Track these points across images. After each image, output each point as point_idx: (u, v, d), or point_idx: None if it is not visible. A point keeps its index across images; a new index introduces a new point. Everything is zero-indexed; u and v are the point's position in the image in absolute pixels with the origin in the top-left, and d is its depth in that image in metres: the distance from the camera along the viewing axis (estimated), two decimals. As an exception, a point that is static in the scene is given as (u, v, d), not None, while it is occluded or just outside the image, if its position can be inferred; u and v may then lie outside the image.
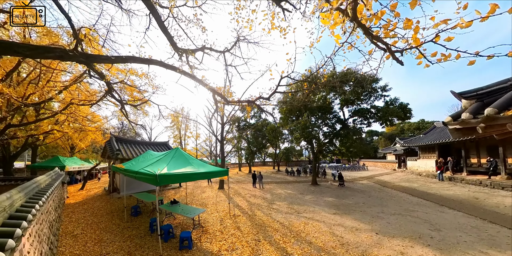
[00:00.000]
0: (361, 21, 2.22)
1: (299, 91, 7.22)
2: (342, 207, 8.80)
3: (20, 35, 5.53)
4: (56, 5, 3.72)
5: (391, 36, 2.34)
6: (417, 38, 2.11)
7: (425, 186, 13.13)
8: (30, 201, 3.81)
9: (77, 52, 3.45)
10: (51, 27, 5.80)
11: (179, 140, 24.79)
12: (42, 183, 6.01)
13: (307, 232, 6.04)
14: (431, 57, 2.19)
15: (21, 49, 3.01)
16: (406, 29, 2.10)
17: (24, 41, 4.83)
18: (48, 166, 13.33)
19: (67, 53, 3.34)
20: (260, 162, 38.89)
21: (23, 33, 5.39)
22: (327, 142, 15.79)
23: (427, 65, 2.27)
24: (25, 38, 5.23)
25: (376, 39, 2.40)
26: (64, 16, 3.82)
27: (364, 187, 13.97)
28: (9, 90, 5.76)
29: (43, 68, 7.31)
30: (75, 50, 3.41)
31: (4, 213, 2.65)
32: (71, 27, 4.01)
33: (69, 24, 3.94)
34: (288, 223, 6.85)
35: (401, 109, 13.06)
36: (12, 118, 7.63)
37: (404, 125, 43.92)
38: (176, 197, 11.17)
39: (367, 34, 2.36)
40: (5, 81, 6.64)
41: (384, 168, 29.97)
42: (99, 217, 7.79)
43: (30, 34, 5.46)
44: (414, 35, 2.11)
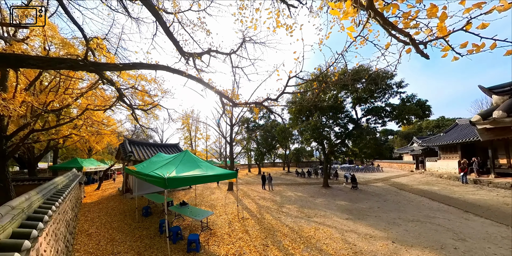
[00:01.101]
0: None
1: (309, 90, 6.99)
2: (355, 211, 8.40)
3: (41, 48, 5.88)
4: (69, 18, 3.89)
5: (412, 26, 2.08)
6: (443, 26, 1.84)
7: (446, 190, 12.25)
8: (47, 202, 3.99)
9: (87, 61, 3.54)
10: (68, 38, 6.14)
11: (190, 142, 25.26)
12: (60, 184, 6.30)
13: (317, 238, 5.81)
14: (460, 48, 1.91)
15: (35, 62, 3.17)
16: (431, 17, 1.84)
17: (44, 53, 5.09)
18: (67, 167, 14.15)
19: (78, 63, 3.46)
20: (270, 163, 38.61)
21: (43, 45, 5.70)
22: (339, 143, 15.26)
23: (455, 58, 1.98)
24: (45, 50, 5.52)
25: (396, 30, 2.14)
26: (77, 27, 3.98)
27: (379, 190, 13.32)
28: (31, 99, 6.14)
29: (62, 76, 7.79)
30: (85, 59, 3.51)
31: (22, 214, 2.78)
32: (83, 38, 4.17)
33: (82, 35, 4.10)
34: (298, 228, 6.64)
35: (419, 106, 12.27)
36: (35, 123, 8.16)
37: (422, 123, 41.22)
38: (186, 198, 11.31)
39: (386, 25, 2.10)
40: (28, 90, 7.10)
41: (400, 169, 28.53)
42: (112, 217, 8.05)
43: (50, 46, 5.76)
44: (440, 24, 1.83)
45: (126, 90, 7.51)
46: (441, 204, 9.22)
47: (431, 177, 18.20)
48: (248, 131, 24.44)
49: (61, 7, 3.81)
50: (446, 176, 16.62)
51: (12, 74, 7.01)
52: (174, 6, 4.57)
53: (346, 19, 2.16)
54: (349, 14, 1.99)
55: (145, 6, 3.92)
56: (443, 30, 1.88)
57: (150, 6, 3.95)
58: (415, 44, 2.17)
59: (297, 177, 21.93)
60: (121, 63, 4.15)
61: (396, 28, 2.12)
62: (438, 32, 1.93)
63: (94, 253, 5.07)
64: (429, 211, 8.21)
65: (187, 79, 5.06)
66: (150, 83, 7.17)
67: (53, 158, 17.46)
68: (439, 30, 1.91)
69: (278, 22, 3.96)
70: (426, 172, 20.64)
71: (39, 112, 7.24)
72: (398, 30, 2.15)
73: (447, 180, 15.90)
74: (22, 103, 5.58)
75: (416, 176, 19.93)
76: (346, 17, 2.05)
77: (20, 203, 2.94)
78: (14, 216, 2.54)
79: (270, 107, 6.45)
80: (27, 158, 12.70)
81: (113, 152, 21.14)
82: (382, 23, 2.11)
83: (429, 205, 9.18)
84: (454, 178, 15.48)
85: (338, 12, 2.10)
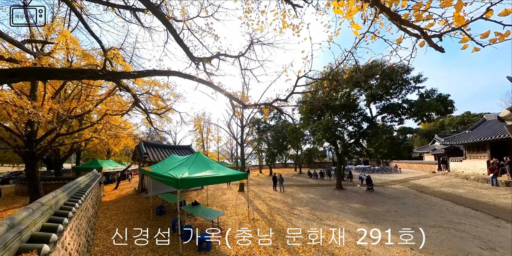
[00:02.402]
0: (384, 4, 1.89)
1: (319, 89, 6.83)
2: (371, 215, 8.05)
3: (64, 59, 6.40)
4: (89, 32, 4.20)
5: (425, 18, 1.94)
6: (460, 16, 1.70)
7: (473, 193, 11.32)
8: (71, 200, 4.35)
9: (105, 71, 3.78)
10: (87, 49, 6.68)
11: (202, 143, 25.83)
12: (82, 184, 6.77)
13: (329, 242, 5.64)
14: (481, 38, 1.75)
15: (60, 74, 3.48)
16: (445, 7, 1.71)
17: (67, 64, 5.53)
18: (89, 167, 15.20)
19: (97, 73, 3.71)
20: (281, 164, 38.25)
21: (67, 57, 6.18)
22: (353, 143, 14.72)
23: (476, 48, 1.82)
24: (68, 62, 5.98)
25: (406, 24, 2.01)
26: (95, 39, 4.28)
27: (396, 193, 12.65)
28: (57, 106, 6.73)
29: (83, 85, 8.45)
30: (104, 69, 3.74)
31: (50, 210, 3.10)
32: (101, 49, 4.47)
33: (100, 46, 4.39)
34: (309, 231, 6.50)
35: (440, 102, 11.45)
36: (60, 128, 8.88)
37: (444, 120, 38.18)
38: (198, 198, 11.56)
39: (393, 20, 1.98)
40: (55, 98, 7.75)
41: (421, 170, 26.90)
42: (129, 215, 8.43)
43: (72, 58, 6.24)
44: (457, 13, 1.70)
45: (141, 96, 7.89)
46: (467, 208, 8.54)
47: (456, 178, 16.94)
48: (259, 132, 24.45)
49: (81, 22, 4.11)
50: (473, 177, 15.37)
51: (41, 84, 7.70)
52: (183, 14, 4.70)
53: (351, 18, 2.07)
54: (353, 12, 1.90)
55: (155, 16, 4.09)
56: (460, 19, 1.73)
57: (161, 16, 4.11)
58: (428, 38, 2.02)
59: (309, 178, 21.50)
60: (135, 71, 4.38)
61: (405, 22, 2.00)
62: (455, 22, 1.78)
63: (112, 248, 5.33)
64: (453, 216, 7.65)
65: (198, 83, 5.22)
66: (163, 88, 7.49)
67: (76, 159, 18.97)
68: (455, 20, 1.75)
69: (284, 23, 3.92)
70: (450, 173, 19.24)
71: (64, 118, 7.86)
72: (408, 24, 2.02)
73: (474, 182, 14.69)
74: (50, 110, 6.09)
75: (438, 177, 18.67)
76: (350, 15, 1.96)
77: (48, 200, 3.27)
78: (44, 212, 2.83)
79: (280, 108, 6.42)
80: (54, 159, 14.05)
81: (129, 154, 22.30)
82: (390, 19, 2.00)
83: (453, 209, 8.54)
84: (482, 180, 14.27)
85: (342, 10, 2.02)
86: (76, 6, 4.06)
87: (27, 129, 7.29)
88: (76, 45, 5.41)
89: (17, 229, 2.11)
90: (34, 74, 3.13)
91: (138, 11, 4.50)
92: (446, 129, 37.37)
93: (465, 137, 17.18)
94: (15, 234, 2.01)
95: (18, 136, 7.80)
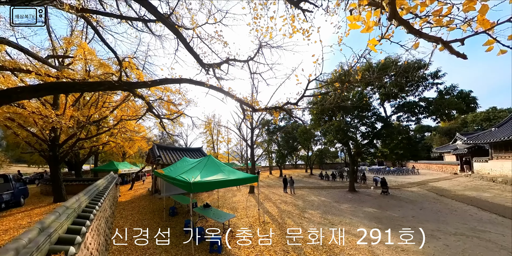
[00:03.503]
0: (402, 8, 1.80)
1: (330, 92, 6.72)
2: (386, 220, 7.74)
3: (83, 69, 6.85)
4: (104, 43, 4.45)
5: (445, 23, 1.84)
6: (485, 19, 1.61)
7: (501, 197, 10.52)
8: (92, 202, 4.63)
9: (121, 82, 3.98)
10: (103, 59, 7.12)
11: (212, 145, 26.25)
12: (101, 186, 7.15)
13: (341, 248, 5.51)
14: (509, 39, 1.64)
15: (80, 86, 3.75)
16: (467, 11, 1.62)
17: (85, 73, 5.90)
18: (105, 169, 16.16)
19: (114, 84, 3.93)
20: (291, 165, 37.78)
21: (85, 67, 6.59)
22: (366, 144, 14.22)
23: (502, 51, 1.71)
24: (86, 71, 6.38)
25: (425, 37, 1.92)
26: (110, 50, 4.52)
27: (414, 196, 12.07)
28: (78, 113, 7.25)
29: (100, 92, 8.93)
30: (120, 80, 3.95)
31: (74, 213, 3.33)
32: (117, 59, 4.72)
33: (115, 57, 4.64)
34: (320, 235, 6.39)
35: (461, 99, 10.76)
36: (80, 133, 9.47)
37: (467, 117, 35.48)
38: (209, 200, 11.74)
39: (412, 33, 1.90)
40: (75, 105, 8.30)
41: (441, 171, 25.47)
42: (143, 215, 8.74)
43: (89, 67, 6.65)
44: (481, 17, 1.61)
45: (154, 102, 8.23)
46: (494, 215, 7.96)
47: (481, 181, 15.84)
48: (269, 134, 24.39)
49: (97, 34, 4.36)
50: (500, 180, 14.29)
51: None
52: (192, 23, 4.81)
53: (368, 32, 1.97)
54: (371, 29, 1.76)
55: (165, 26, 4.24)
56: (485, 23, 1.62)
57: (171, 26, 4.25)
58: (450, 47, 1.91)
59: (320, 180, 21.10)
60: (149, 81, 4.58)
61: (425, 35, 1.89)
62: (479, 25, 1.68)
63: (128, 247, 5.56)
64: (477, 223, 7.15)
65: (209, 89, 5.36)
66: (174, 94, 7.74)
67: (94, 161, 20.20)
68: (479, 23, 1.65)
69: (294, 27, 3.88)
70: (474, 175, 18.02)
71: (83, 124, 8.38)
72: (428, 37, 1.91)
73: (502, 185, 13.64)
74: (71, 117, 6.54)
75: (461, 179, 17.57)
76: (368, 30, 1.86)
77: (72, 203, 3.52)
78: (69, 215, 3.06)
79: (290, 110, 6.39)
80: (74, 161, 15.15)
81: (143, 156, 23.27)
82: (409, 32, 1.89)
83: (478, 215, 7.99)
84: (511, 182, 13.23)
85: (358, 25, 1.93)
86: (92, 20, 4.33)
87: (51, 134, 7.86)
88: (93, 56, 5.76)
89: (47, 232, 2.29)
90: (57, 89, 3.39)
91: (149, 22, 4.68)
92: (469, 127, 34.91)
93: (491, 135, 16.00)
94: (46, 237, 2.20)
95: (43, 141, 8.45)
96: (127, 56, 5.77)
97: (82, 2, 3.75)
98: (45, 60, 4.53)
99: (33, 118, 5.61)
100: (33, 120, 6.12)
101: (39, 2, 2.86)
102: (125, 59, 5.36)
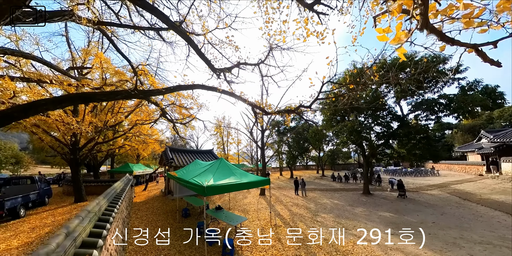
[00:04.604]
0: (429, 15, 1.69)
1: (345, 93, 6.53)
2: (403, 226, 7.39)
3: (99, 77, 7.25)
4: (119, 53, 4.66)
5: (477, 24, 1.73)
6: None
7: (533, 202, 9.69)
8: (111, 205, 4.84)
9: (137, 91, 4.15)
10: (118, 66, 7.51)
11: (222, 147, 26.56)
12: (118, 188, 7.46)
13: (356, 254, 5.34)
14: None
15: (100, 97, 3.99)
16: (502, 12, 1.52)
17: (102, 81, 6.23)
18: (121, 171, 17.04)
19: (130, 93, 4.13)
20: (302, 166, 37.22)
21: (101, 76, 6.95)
22: (382, 144, 13.64)
23: None
24: (103, 80, 6.72)
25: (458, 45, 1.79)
26: (124, 58, 4.73)
27: (434, 200, 11.43)
28: (96, 119, 7.69)
29: None
30: (136, 89, 4.12)
31: (95, 216, 3.47)
32: (131, 68, 4.93)
33: (130, 65, 4.84)
34: (333, 240, 6.23)
35: (487, 95, 10.02)
36: (98, 137, 9.99)
37: (493, 112, 32.62)
38: (220, 202, 11.87)
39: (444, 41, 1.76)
40: (93, 112, 8.80)
41: (464, 172, 23.91)
42: (157, 216, 9.00)
43: (106, 75, 7.01)
44: None
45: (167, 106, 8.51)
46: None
47: (510, 183, 14.68)
48: (279, 135, 24.22)
49: (111, 44, 4.58)
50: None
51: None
52: (204, 30, 4.87)
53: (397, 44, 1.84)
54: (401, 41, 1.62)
55: (178, 34, 4.35)
56: None
57: (183, 34, 4.35)
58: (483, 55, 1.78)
59: (332, 181, 20.61)
60: (164, 88, 4.72)
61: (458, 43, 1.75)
62: None
63: (144, 247, 5.73)
64: (506, 230, 6.62)
65: (221, 94, 5.43)
66: (186, 99, 7.95)
67: (110, 163, 21.31)
68: None
69: (307, 30, 3.79)
70: (502, 177, 16.73)
71: (101, 129, 8.84)
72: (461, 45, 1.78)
73: (534, 188, 12.58)
74: (90, 123, 6.93)
75: (487, 181, 16.38)
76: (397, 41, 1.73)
77: (93, 207, 3.67)
78: (91, 219, 3.19)
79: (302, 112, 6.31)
80: (92, 163, 16.11)
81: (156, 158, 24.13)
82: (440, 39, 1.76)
83: (507, 222, 7.40)
84: (545, 186, 12.16)
85: (387, 37, 1.83)
86: (108, 31, 4.55)
87: (72, 139, 8.37)
88: (109, 64, 6.07)
89: (72, 236, 2.43)
90: (78, 99, 3.62)
91: (161, 30, 4.83)
92: (495, 123, 32.08)
93: (521, 134, 14.79)
94: (71, 242, 2.32)
95: (65, 145, 9.03)
96: (140, 64, 6.02)
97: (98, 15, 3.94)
98: (66, 72, 4.86)
99: (56, 124, 6.03)
100: (56, 126, 6.59)
101: (60, 18, 3.04)
102: (138, 66, 5.58)
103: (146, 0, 3.62)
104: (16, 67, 4.31)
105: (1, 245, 5.67)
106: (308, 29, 3.74)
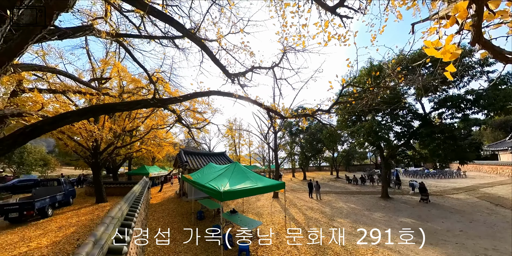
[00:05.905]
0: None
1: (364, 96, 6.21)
2: (426, 233, 6.91)
3: (117, 85, 7.63)
4: (135, 61, 4.85)
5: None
6: None
7: None
8: (131, 209, 5.03)
9: (155, 100, 4.28)
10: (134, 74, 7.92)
11: (234, 148, 26.79)
12: (137, 192, 7.75)
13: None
14: None
15: (121, 107, 4.17)
16: None
17: (120, 89, 6.56)
18: (138, 172, 17.99)
19: (149, 102, 4.26)
20: (315, 167, 36.34)
21: (119, 83, 7.29)
22: (401, 145, 12.89)
23: None
24: (120, 87, 7.04)
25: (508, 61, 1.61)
26: (140, 66, 4.90)
27: (461, 205, 10.62)
28: (115, 126, 8.08)
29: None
30: (154, 98, 4.24)
31: (118, 222, 3.61)
32: (148, 77, 5.13)
33: (146, 74, 5.02)
34: (351, 248, 5.99)
35: None
36: (117, 142, 10.50)
37: None
38: (233, 204, 11.91)
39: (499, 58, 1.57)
40: (112, 118, 9.28)
41: (495, 174, 22.00)
42: (173, 218, 9.18)
43: (123, 83, 7.36)
44: None
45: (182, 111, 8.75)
46: None
47: (549, 188, 13.30)
48: (292, 135, 23.91)
49: (128, 54, 4.77)
50: None
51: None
52: (218, 36, 4.88)
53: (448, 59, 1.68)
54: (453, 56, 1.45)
55: (193, 41, 4.42)
56: None
57: (198, 41, 4.42)
58: None
59: (348, 184, 19.85)
60: (181, 96, 4.84)
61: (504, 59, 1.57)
62: None
63: (161, 249, 5.86)
64: (549, 242, 5.97)
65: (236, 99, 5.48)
66: (201, 105, 8.13)
67: (128, 165, 22.41)
68: None
69: (329, 34, 3.62)
70: (539, 181, 15.22)
71: (119, 134, 9.28)
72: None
73: None
74: (110, 130, 7.31)
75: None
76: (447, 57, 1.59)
77: (116, 213, 3.80)
78: (115, 225, 3.31)
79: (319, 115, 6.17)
80: (112, 166, 17.13)
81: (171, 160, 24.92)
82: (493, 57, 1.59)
83: (549, 232, 6.68)
84: None
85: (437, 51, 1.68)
86: (124, 42, 4.75)
87: (93, 144, 8.87)
88: (126, 73, 6.39)
89: (99, 244, 2.54)
90: (100, 110, 3.82)
91: (175, 39, 4.93)
92: None
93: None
94: (99, 250, 2.43)
95: (87, 149, 9.58)
96: (155, 71, 6.22)
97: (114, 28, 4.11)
98: (88, 83, 5.18)
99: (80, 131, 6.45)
100: (79, 132, 7.05)
101: (81, 33, 3.21)
102: (154, 74, 5.76)
103: (162, 11, 3.70)
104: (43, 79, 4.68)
105: (32, 243, 6.08)
106: (329, 32, 3.59)
